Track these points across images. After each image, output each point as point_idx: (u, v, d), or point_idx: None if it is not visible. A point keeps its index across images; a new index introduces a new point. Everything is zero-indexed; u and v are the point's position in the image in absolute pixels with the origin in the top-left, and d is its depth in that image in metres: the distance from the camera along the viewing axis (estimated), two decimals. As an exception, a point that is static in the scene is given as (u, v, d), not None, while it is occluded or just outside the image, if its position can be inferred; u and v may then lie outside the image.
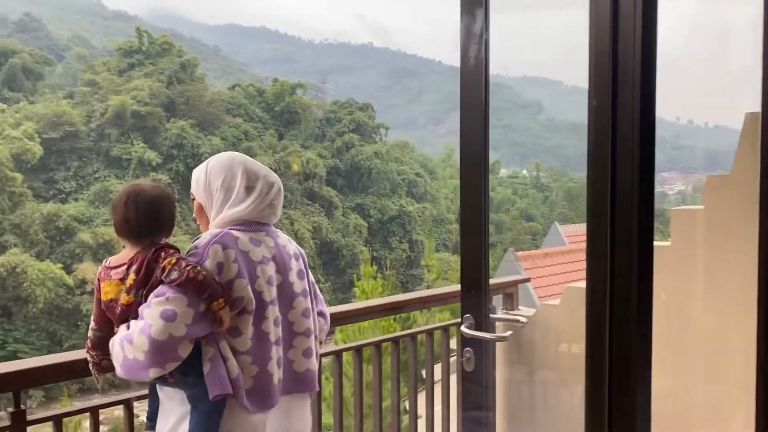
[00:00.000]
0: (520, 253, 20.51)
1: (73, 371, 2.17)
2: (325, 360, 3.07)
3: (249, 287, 2.13)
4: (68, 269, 50.27)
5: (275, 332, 2.20)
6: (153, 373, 2.02)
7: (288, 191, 69.64)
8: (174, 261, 2.04)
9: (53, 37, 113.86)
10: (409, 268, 77.50)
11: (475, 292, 2.38)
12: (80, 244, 51.87)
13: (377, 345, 3.30)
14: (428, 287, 33.15)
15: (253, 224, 2.26)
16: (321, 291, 2.61)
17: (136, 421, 2.46)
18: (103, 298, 2.14)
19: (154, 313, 2.00)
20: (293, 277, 2.33)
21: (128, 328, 2.08)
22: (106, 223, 54.42)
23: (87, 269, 50.67)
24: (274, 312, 2.21)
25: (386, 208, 78.57)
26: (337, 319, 2.90)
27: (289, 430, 2.32)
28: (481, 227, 2.44)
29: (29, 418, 2.11)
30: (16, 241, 51.11)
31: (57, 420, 2.19)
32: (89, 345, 2.19)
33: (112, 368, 2.15)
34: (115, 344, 2.09)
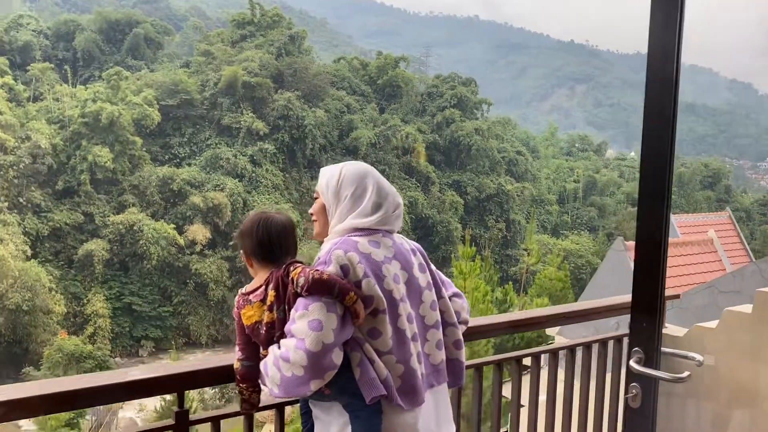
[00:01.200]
0: (628, 242, 19.55)
1: (233, 375, 2.21)
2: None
3: (377, 286, 2.17)
4: (180, 230, 53.43)
5: (410, 328, 2.25)
6: (314, 386, 2.06)
7: (385, 165, 70.24)
8: (299, 270, 2.12)
9: (172, 8, 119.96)
10: (505, 248, 76.29)
11: (648, 324, 2.19)
12: (191, 206, 54.89)
13: (498, 363, 3.07)
14: (527, 271, 32.48)
15: (371, 231, 2.30)
16: None
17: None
18: (247, 323, 2.21)
19: (301, 327, 2.06)
20: (416, 271, 2.37)
21: (279, 347, 2.10)
22: (216, 188, 57.23)
23: (197, 231, 53.62)
24: (406, 309, 2.25)
25: (484, 185, 77.42)
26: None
27: (438, 422, 2.35)
28: (661, 245, 2.22)
29: (191, 418, 2.16)
30: (134, 201, 54.78)
31: (215, 421, 2.25)
32: (239, 378, 2.24)
33: (258, 401, 2.25)
34: (269, 365, 2.13)
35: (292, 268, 2.14)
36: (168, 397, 33.20)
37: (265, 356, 2.18)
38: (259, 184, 60.23)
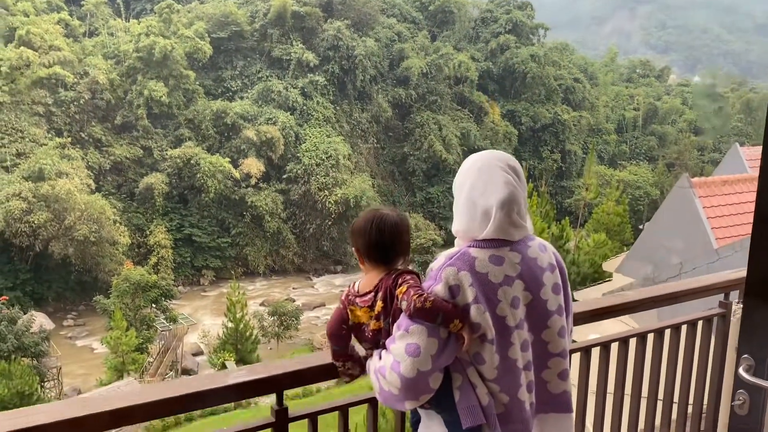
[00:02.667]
0: (695, 179, 18.69)
1: (331, 373, 2.23)
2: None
3: (487, 313, 2.00)
4: (235, 163, 54.36)
5: (523, 357, 2.08)
6: (409, 405, 2.05)
7: (437, 96, 68.83)
8: (404, 290, 2.01)
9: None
10: (560, 180, 74.77)
11: (762, 330, 2.06)
12: (245, 140, 55.55)
13: (605, 345, 2.97)
14: (585, 206, 31.83)
15: (495, 241, 2.09)
16: None
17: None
18: (354, 320, 2.17)
19: (399, 349, 1.99)
20: (547, 293, 2.12)
21: (380, 357, 2.07)
22: (268, 122, 57.53)
23: (251, 164, 54.43)
24: (521, 336, 2.07)
25: (539, 115, 75.25)
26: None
27: None
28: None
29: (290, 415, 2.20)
30: (190, 135, 55.74)
31: (312, 417, 2.29)
32: (333, 356, 2.25)
33: (359, 374, 2.23)
34: (371, 372, 2.12)
35: (400, 281, 2.05)
36: (229, 323, 34.74)
37: (370, 355, 2.17)
38: (311, 117, 60.20)
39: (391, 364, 1.99)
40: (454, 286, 1.99)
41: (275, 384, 2.18)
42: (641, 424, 3.09)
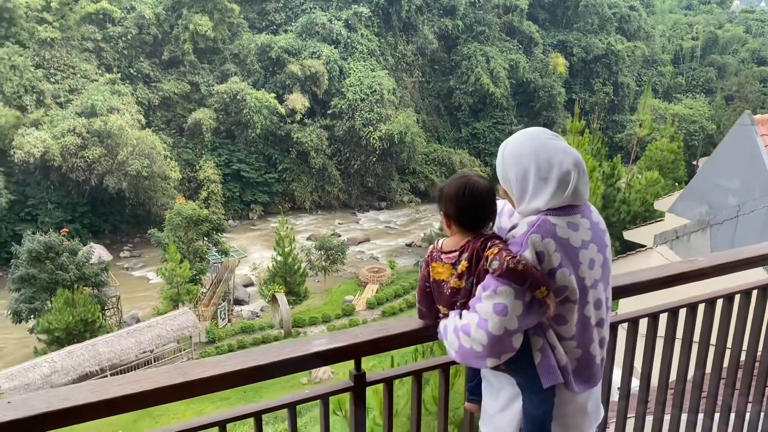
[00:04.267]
0: (757, 116, 17.87)
1: (409, 338, 2.34)
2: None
3: (572, 276, 2.10)
4: (280, 99, 54.36)
5: (596, 315, 2.21)
6: (490, 363, 2.12)
7: (485, 26, 66.55)
8: (496, 251, 2.07)
9: None
10: (611, 113, 72.36)
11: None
12: (290, 75, 55.25)
13: (654, 316, 2.83)
14: (637, 142, 30.84)
15: (566, 207, 2.16)
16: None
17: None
18: (436, 277, 2.24)
19: (486, 308, 2.06)
20: (609, 253, 2.25)
21: (460, 317, 2.15)
22: (313, 55, 56.92)
23: (296, 100, 54.34)
24: (595, 295, 2.19)
25: (591, 46, 72.20)
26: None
27: (599, 399, 2.44)
28: None
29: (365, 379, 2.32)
30: (235, 69, 55.74)
31: (388, 381, 2.42)
32: (419, 316, 2.41)
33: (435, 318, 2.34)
34: (449, 331, 2.19)
35: (489, 244, 2.12)
36: (278, 256, 35.66)
37: (445, 315, 2.25)
38: (355, 50, 59.23)
39: (477, 322, 2.07)
40: (540, 252, 2.06)
41: (354, 351, 2.29)
42: (686, 404, 3.08)
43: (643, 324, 2.88)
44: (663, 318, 2.91)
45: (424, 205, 56.65)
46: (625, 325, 2.86)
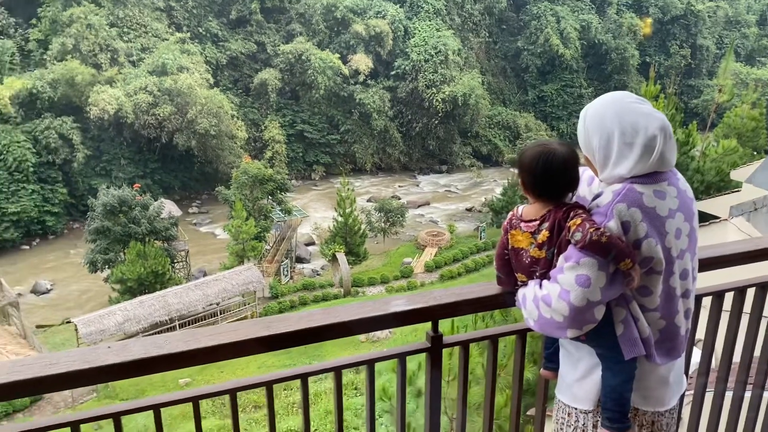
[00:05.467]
0: None
1: (486, 303, 2.35)
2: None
3: (658, 246, 2.05)
4: (344, 59, 54.24)
5: (682, 285, 2.16)
6: (570, 334, 2.10)
7: (556, -16, 64.01)
8: (579, 222, 2.03)
9: None
10: (687, 78, 68.85)
11: None
12: (354, 35, 54.94)
13: (741, 290, 2.70)
14: (715, 108, 29.27)
15: (653, 174, 2.09)
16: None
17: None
18: (514, 244, 2.22)
19: (569, 279, 2.04)
20: (696, 222, 2.20)
21: (540, 286, 2.13)
22: (377, 15, 56.31)
23: (360, 60, 54.11)
24: (681, 265, 2.14)
25: (669, 5, 68.41)
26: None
27: (682, 371, 2.40)
28: None
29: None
30: (301, 29, 55.84)
31: (465, 344, 2.44)
32: (497, 282, 2.41)
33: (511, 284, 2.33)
34: (528, 300, 2.18)
35: (572, 214, 2.08)
36: (339, 217, 36.16)
37: (523, 283, 2.25)
38: (420, 10, 58.20)
39: (558, 293, 2.06)
40: (626, 222, 2.02)
41: (431, 314, 2.31)
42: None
43: (728, 298, 2.78)
44: (750, 293, 2.80)
45: (486, 170, 55.90)
46: (709, 299, 2.77)
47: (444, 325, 2.54)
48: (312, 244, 41.17)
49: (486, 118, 57.97)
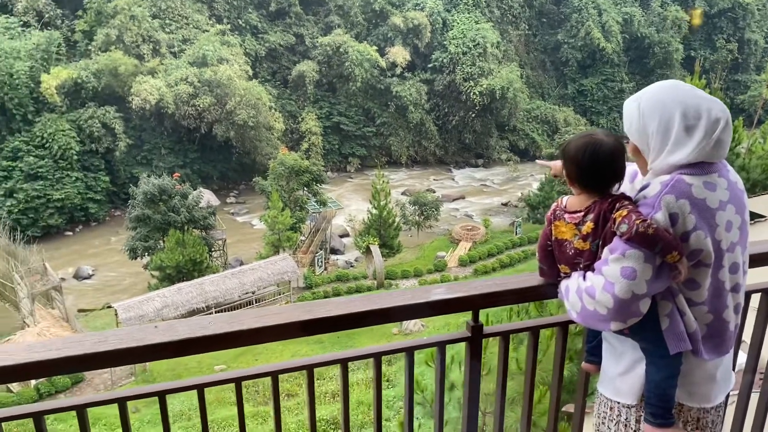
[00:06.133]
0: None
1: (527, 294, 2.33)
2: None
3: (708, 239, 2.00)
4: (381, 52, 54.18)
5: (731, 279, 2.10)
6: (614, 327, 2.07)
7: (598, -24, 62.72)
8: (624, 213, 2.00)
9: None
10: (733, 73, 66.88)
11: None
12: (392, 27, 54.81)
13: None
14: (762, 104, 28.41)
15: (703, 165, 2.03)
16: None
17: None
18: (558, 236, 2.20)
19: (614, 271, 2.00)
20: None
21: (584, 278, 2.10)
22: (416, 7, 56.07)
23: (397, 53, 53.98)
24: (731, 259, 2.08)
25: (717, -2, 66.53)
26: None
27: (730, 367, 2.34)
28: None
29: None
30: (339, 22, 55.95)
31: (505, 335, 2.42)
32: (539, 274, 2.39)
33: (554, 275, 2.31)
34: (571, 292, 2.15)
35: (618, 205, 2.04)
36: (373, 209, 36.24)
37: (566, 275, 2.22)
38: (459, 2, 57.72)
39: (603, 285, 2.02)
40: (674, 214, 1.97)
41: (471, 303, 2.30)
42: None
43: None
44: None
45: (523, 164, 55.29)
46: (757, 296, 2.70)
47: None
48: (346, 235, 41.39)
49: (524, 112, 57.29)
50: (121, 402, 2.14)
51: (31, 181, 40.48)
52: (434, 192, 47.55)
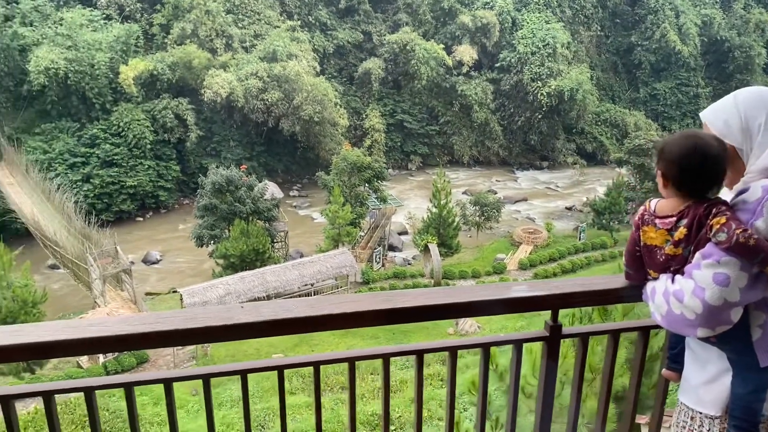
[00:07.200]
0: None
1: (609, 296, 2.31)
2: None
3: None
4: (448, 50, 53.93)
5: None
6: (700, 333, 1.99)
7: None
8: (723, 221, 1.91)
9: None
10: (821, 80, 63.17)
11: None
12: (460, 26, 54.47)
13: None
14: None
15: None
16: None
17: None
18: (647, 241, 2.16)
19: (706, 276, 1.92)
20: None
21: (672, 281, 2.03)
22: (485, 6, 55.50)
23: (464, 51, 53.60)
24: None
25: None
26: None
27: None
28: None
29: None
30: (407, 20, 56.01)
31: (584, 337, 2.39)
32: (626, 277, 2.31)
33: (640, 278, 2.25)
34: (657, 294, 2.08)
35: (714, 211, 1.95)
36: (433, 208, 36.14)
37: (654, 278, 2.17)
38: (530, 1, 56.78)
39: (693, 290, 1.94)
40: None
41: (551, 302, 2.27)
42: None
43: None
44: None
45: (589, 168, 53.94)
46: None
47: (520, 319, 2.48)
48: (405, 233, 41.43)
49: (593, 115, 55.90)
50: (167, 382, 2.20)
51: (106, 167, 42.34)
52: (496, 193, 47.00)
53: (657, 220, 2.09)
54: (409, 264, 37.13)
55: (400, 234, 41.41)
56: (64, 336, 1.93)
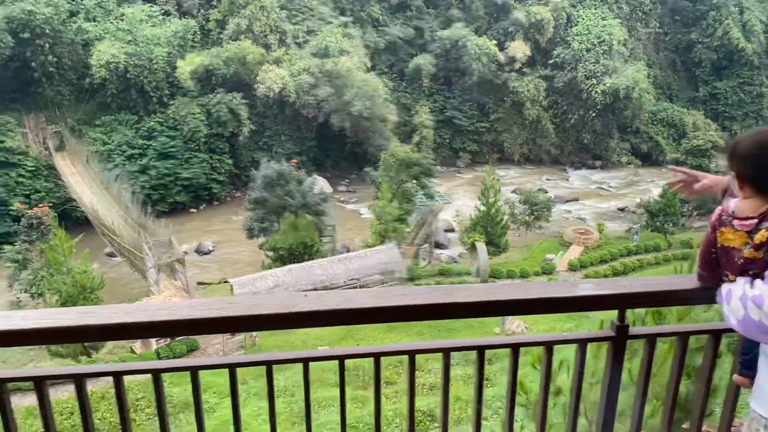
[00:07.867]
0: None
1: (680, 297, 2.23)
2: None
3: None
4: (501, 46, 53.26)
5: None
6: None
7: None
8: None
9: None
10: None
11: None
12: (514, 22, 53.70)
13: None
14: None
15: None
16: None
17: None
18: (724, 243, 2.07)
19: None
20: None
21: (751, 285, 1.95)
22: (539, 2, 54.55)
23: (517, 48, 52.84)
24: None
25: None
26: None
27: None
28: None
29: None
30: (460, 15, 55.54)
31: (651, 339, 2.32)
32: (698, 279, 2.23)
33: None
34: (734, 297, 2.01)
35: None
36: (481, 206, 35.80)
37: (731, 281, 2.09)
38: (585, -4, 55.62)
39: None
40: None
41: (618, 302, 2.21)
42: None
43: None
44: None
45: (643, 168, 52.48)
46: None
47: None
48: (451, 230, 41.17)
49: (649, 114, 54.36)
50: (231, 368, 2.23)
51: (162, 159, 43.52)
52: (546, 192, 46.20)
53: (735, 222, 2.01)
54: (455, 261, 36.90)
55: (447, 231, 41.18)
56: (133, 319, 1.98)
